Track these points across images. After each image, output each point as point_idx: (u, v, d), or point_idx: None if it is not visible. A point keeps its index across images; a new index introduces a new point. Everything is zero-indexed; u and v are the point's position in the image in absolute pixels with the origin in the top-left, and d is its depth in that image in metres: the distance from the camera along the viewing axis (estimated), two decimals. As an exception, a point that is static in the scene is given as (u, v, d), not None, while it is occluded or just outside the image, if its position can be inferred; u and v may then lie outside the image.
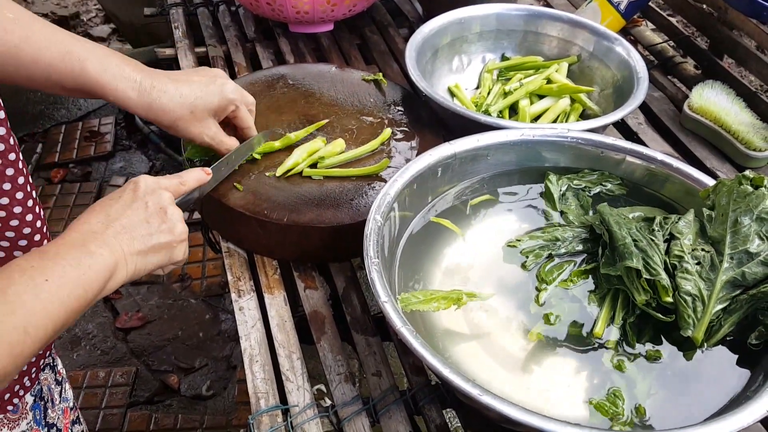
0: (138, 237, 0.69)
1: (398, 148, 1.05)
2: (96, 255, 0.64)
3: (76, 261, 0.62)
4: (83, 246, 0.64)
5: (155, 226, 0.71)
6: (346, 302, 0.92)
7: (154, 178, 0.76)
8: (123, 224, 0.69)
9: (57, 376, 0.89)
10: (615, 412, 0.71)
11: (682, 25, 1.56)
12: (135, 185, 0.73)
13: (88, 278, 0.63)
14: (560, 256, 0.87)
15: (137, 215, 0.70)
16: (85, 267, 0.63)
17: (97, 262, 0.64)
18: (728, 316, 0.77)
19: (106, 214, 0.69)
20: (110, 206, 0.70)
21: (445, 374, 0.66)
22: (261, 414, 0.78)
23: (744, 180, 0.81)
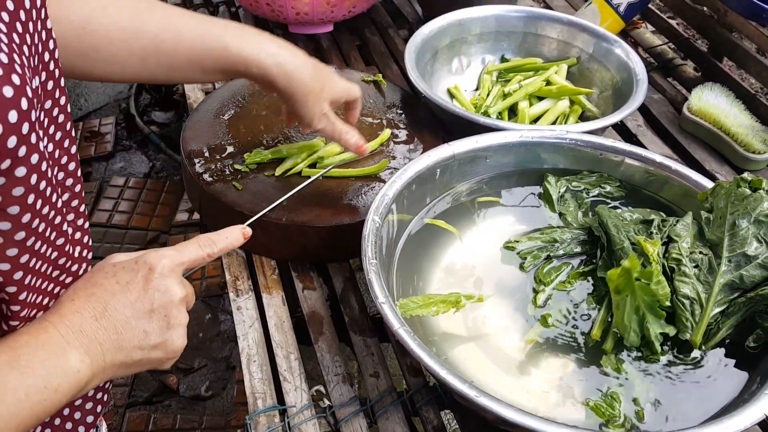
0: (127, 348, 0.59)
1: (397, 150, 1.05)
2: (71, 372, 0.54)
3: (43, 382, 0.52)
4: (62, 356, 0.54)
5: (152, 339, 0.60)
6: (344, 303, 0.92)
7: (172, 258, 0.63)
8: (117, 328, 0.58)
9: None
10: (611, 414, 0.71)
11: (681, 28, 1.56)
12: (149, 271, 0.61)
13: (49, 404, 0.53)
14: (558, 257, 0.87)
15: (137, 320, 0.59)
16: (51, 391, 0.53)
17: (69, 381, 0.54)
18: (726, 319, 0.77)
19: (104, 306, 0.58)
20: (112, 295, 0.59)
21: (443, 375, 0.66)
22: (258, 414, 0.78)
23: (742, 182, 0.81)
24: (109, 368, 0.58)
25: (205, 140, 1.03)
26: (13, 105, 0.44)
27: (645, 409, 0.72)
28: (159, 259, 0.62)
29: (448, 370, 0.66)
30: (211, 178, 0.97)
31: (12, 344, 0.53)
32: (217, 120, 1.08)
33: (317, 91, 0.87)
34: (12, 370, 0.51)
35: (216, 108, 1.10)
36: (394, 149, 1.06)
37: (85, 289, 0.59)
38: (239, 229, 0.70)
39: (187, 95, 1.26)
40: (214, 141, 1.04)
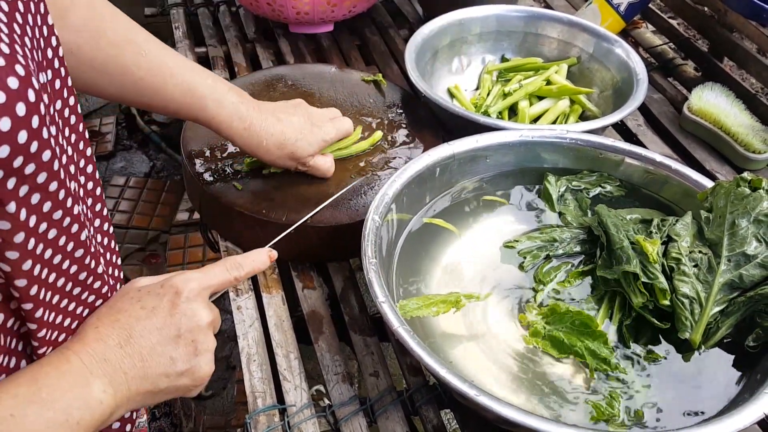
0: (153, 376, 0.56)
1: (397, 149, 1.06)
2: (93, 404, 0.52)
3: (64, 415, 0.50)
4: (85, 385, 0.52)
5: (179, 366, 0.58)
6: (344, 302, 0.92)
7: (199, 281, 0.61)
8: (143, 355, 0.56)
9: None
10: (611, 413, 0.71)
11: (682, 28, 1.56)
12: (176, 295, 0.59)
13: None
14: (558, 257, 0.88)
15: (163, 347, 0.57)
16: (72, 425, 0.50)
17: (92, 414, 0.52)
18: (726, 318, 0.77)
19: (129, 333, 0.56)
20: (138, 320, 0.57)
21: (442, 375, 0.66)
22: (258, 413, 0.78)
23: (742, 182, 0.81)
24: (134, 397, 0.56)
25: (205, 140, 1.03)
26: (19, 97, 0.42)
27: (645, 409, 0.72)
28: (185, 283, 0.60)
29: (448, 369, 0.66)
30: (212, 178, 0.97)
31: (34, 375, 0.51)
32: (218, 119, 1.08)
33: (284, 158, 0.93)
34: (31, 404, 0.49)
35: (216, 107, 1.10)
36: (393, 149, 1.06)
37: (109, 316, 0.57)
38: (266, 252, 0.70)
39: (188, 95, 1.26)
40: (215, 141, 1.04)
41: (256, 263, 0.68)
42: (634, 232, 0.83)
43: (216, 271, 0.64)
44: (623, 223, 0.84)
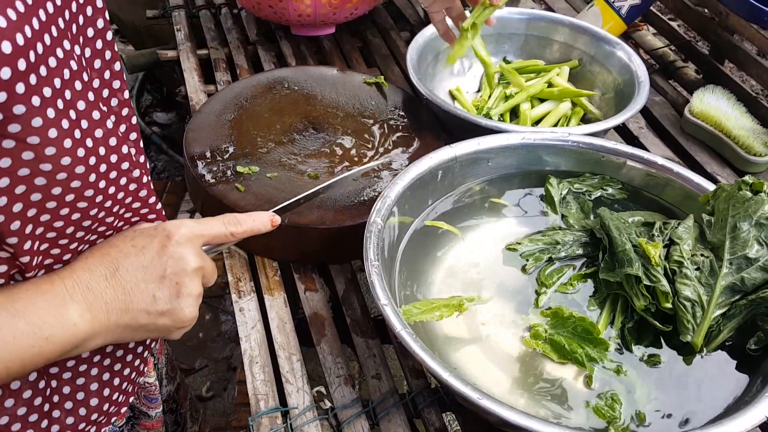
0: (134, 310, 0.58)
1: (399, 151, 1.06)
2: (67, 324, 0.54)
3: (34, 327, 0.52)
4: (61, 306, 0.54)
5: (160, 305, 0.59)
6: (346, 304, 0.93)
7: (192, 229, 0.62)
8: (126, 289, 0.58)
9: None
10: (612, 416, 0.71)
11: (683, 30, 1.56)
12: (167, 237, 0.60)
13: (38, 351, 0.53)
14: (560, 259, 0.88)
15: (146, 284, 0.59)
16: (41, 339, 0.52)
17: (63, 333, 0.54)
18: (727, 321, 0.77)
19: (116, 266, 0.58)
20: (126, 257, 0.59)
21: (445, 377, 0.66)
22: (260, 416, 0.78)
23: (743, 185, 0.81)
24: (113, 329, 0.58)
25: (207, 142, 1.04)
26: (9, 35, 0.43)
27: (646, 411, 0.72)
28: (178, 228, 0.61)
29: (450, 372, 0.66)
30: (214, 180, 0.97)
31: (12, 290, 0.53)
32: (220, 122, 1.08)
33: None
34: (3, 311, 0.51)
35: (219, 110, 1.11)
36: (395, 151, 1.06)
37: (101, 249, 0.59)
38: (269, 215, 0.71)
39: (190, 97, 1.27)
40: (217, 143, 1.04)
41: (256, 223, 0.69)
42: (636, 235, 0.83)
43: (213, 223, 0.65)
44: (625, 226, 0.84)
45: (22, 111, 0.46)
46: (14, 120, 0.46)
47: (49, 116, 0.48)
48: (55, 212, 0.54)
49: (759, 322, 0.77)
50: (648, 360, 0.77)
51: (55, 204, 0.53)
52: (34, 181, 0.51)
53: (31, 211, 0.52)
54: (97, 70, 0.57)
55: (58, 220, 0.55)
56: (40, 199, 0.52)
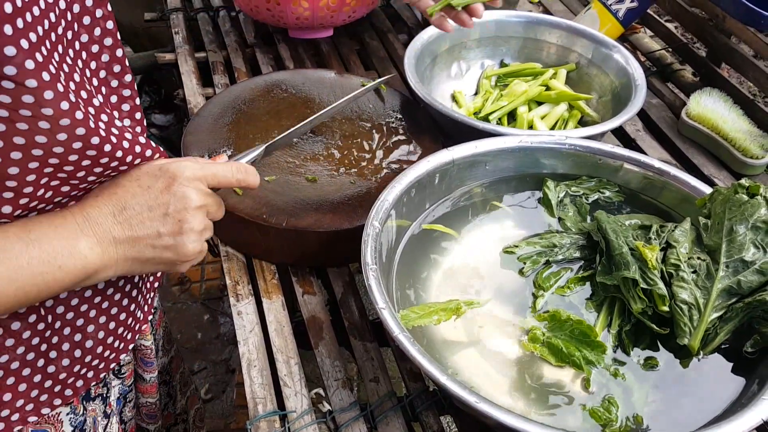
0: (139, 245, 0.63)
1: (396, 155, 1.06)
2: (78, 255, 0.59)
3: (48, 256, 0.57)
4: (74, 238, 0.59)
5: (164, 240, 0.64)
6: (344, 308, 0.93)
7: (196, 171, 0.66)
8: (132, 225, 0.62)
9: (107, 408, 0.83)
10: (608, 418, 0.71)
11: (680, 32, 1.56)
12: (171, 178, 0.64)
13: (52, 278, 0.57)
14: (558, 262, 0.88)
15: (152, 221, 0.63)
16: (54, 267, 0.57)
17: (74, 264, 0.58)
18: (724, 324, 0.77)
19: (123, 205, 0.62)
20: (133, 196, 0.63)
21: (442, 381, 0.66)
22: (259, 420, 0.78)
23: (740, 188, 0.82)
24: (122, 262, 0.63)
25: (205, 145, 1.04)
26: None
27: (644, 414, 0.73)
28: (182, 170, 0.66)
29: (448, 375, 0.66)
30: (212, 183, 0.97)
31: (26, 223, 0.58)
32: (218, 125, 1.08)
33: None
34: (18, 239, 0.56)
35: (217, 113, 1.11)
36: (393, 154, 1.06)
37: (109, 188, 0.63)
38: (255, 175, 0.74)
39: (188, 100, 1.27)
40: (215, 146, 1.04)
41: (256, 179, 0.74)
42: (633, 238, 0.83)
43: (220, 167, 0.69)
44: (622, 229, 0.84)
45: (13, 53, 0.49)
46: (9, 62, 0.49)
47: (44, 78, 0.52)
48: (57, 166, 0.58)
49: (755, 325, 0.78)
50: (645, 363, 0.77)
51: (57, 161, 0.57)
52: (35, 139, 0.54)
53: (32, 164, 0.56)
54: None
55: (60, 172, 0.59)
56: (42, 155, 0.56)
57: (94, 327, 0.71)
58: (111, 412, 0.83)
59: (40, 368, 0.67)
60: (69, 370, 0.70)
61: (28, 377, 0.66)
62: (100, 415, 0.81)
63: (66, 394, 0.71)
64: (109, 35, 0.64)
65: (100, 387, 0.80)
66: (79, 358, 0.71)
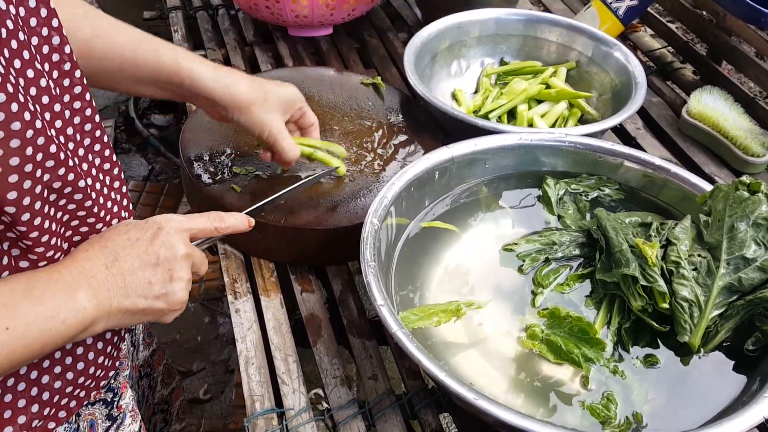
0: (132, 295, 0.64)
1: (396, 152, 1.05)
2: (78, 308, 0.59)
3: (52, 311, 0.57)
4: (72, 291, 0.59)
5: (155, 289, 0.65)
6: (342, 306, 0.92)
7: (181, 222, 0.69)
8: (125, 276, 0.63)
9: (114, 411, 0.81)
10: (607, 415, 0.71)
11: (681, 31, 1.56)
12: (158, 229, 0.67)
13: (55, 334, 0.58)
14: (557, 260, 0.87)
15: (143, 271, 0.64)
16: (58, 322, 0.58)
17: (75, 317, 0.59)
18: (725, 321, 0.77)
19: (115, 257, 0.63)
20: (123, 248, 0.64)
21: (441, 378, 0.66)
22: (256, 417, 0.77)
23: (740, 185, 0.81)
24: (115, 313, 0.63)
25: (204, 143, 1.03)
26: None
27: (643, 412, 0.72)
28: (167, 221, 0.68)
29: (447, 372, 0.66)
30: (210, 181, 0.97)
31: (29, 277, 0.59)
32: (216, 123, 1.08)
33: (260, 101, 0.89)
34: (25, 298, 0.56)
35: (215, 110, 1.10)
36: (393, 152, 1.06)
37: (99, 242, 0.64)
38: (245, 217, 0.78)
39: (186, 98, 1.26)
40: (213, 144, 1.03)
41: (236, 222, 0.76)
42: (633, 235, 0.83)
43: (198, 218, 0.72)
44: (622, 227, 0.84)
45: None
46: None
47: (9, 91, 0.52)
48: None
49: (757, 323, 0.77)
50: (645, 360, 0.77)
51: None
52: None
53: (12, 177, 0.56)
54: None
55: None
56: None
57: (82, 349, 0.70)
58: (120, 414, 0.82)
59: (34, 397, 0.66)
60: (61, 392, 0.70)
61: (24, 408, 0.65)
62: (101, 418, 0.80)
63: (60, 416, 0.71)
64: (55, 33, 0.62)
65: (102, 392, 0.79)
66: (71, 380, 0.70)
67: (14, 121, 0.53)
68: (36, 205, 0.58)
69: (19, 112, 0.53)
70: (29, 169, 0.56)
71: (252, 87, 0.88)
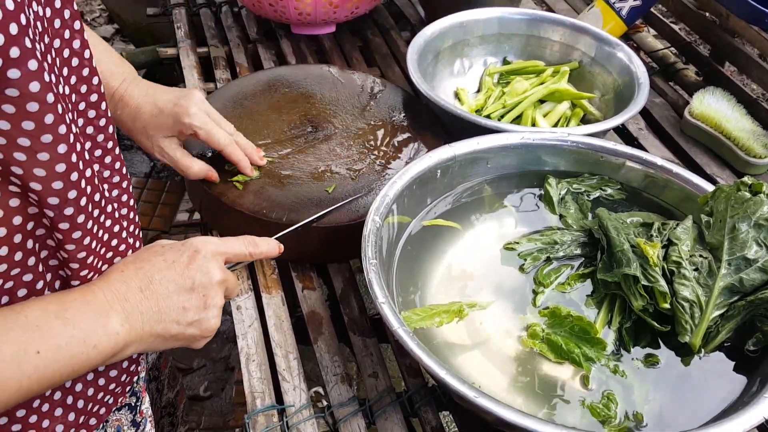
0: (165, 321, 0.62)
1: (398, 150, 1.05)
2: (111, 333, 0.58)
3: (83, 335, 0.56)
4: (105, 315, 0.58)
5: (189, 316, 0.64)
6: (344, 303, 0.92)
7: (217, 246, 0.68)
8: (158, 300, 0.62)
9: (137, 416, 0.81)
10: (607, 414, 0.71)
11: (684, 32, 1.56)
12: (195, 252, 0.65)
13: (86, 359, 0.56)
14: (558, 259, 0.87)
15: (178, 295, 0.63)
16: (89, 346, 0.56)
17: (108, 342, 0.57)
18: (726, 322, 0.77)
19: (150, 280, 0.62)
20: (159, 270, 0.63)
21: (442, 376, 0.66)
22: (257, 414, 0.77)
23: (742, 186, 0.81)
24: (147, 338, 0.61)
25: (206, 139, 1.03)
26: (13, 18, 0.45)
27: (644, 411, 0.72)
28: (204, 244, 0.67)
29: (447, 370, 0.66)
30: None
31: (62, 298, 0.57)
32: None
33: (148, 129, 0.90)
34: (57, 319, 0.54)
35: (218, 108, 1.10)
36: (395, 150, 1.06)
37: (134, 263, 0.63)
38: (277, 244, 0.78)
39: (189, 95, 1.26)
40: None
41: (269, 248, 0.77)
42: (634, 235, 0.83)
43: (234, 242, 0.72)
44: (624, 227, 0.84)
45: (17, 75, 0.47)
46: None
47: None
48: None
49: (758, 323, 0.77)
50: (646, 360, 0.77)
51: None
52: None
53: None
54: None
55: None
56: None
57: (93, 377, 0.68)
58: (143, 419, 0.82)
59: (69, 405, 0.65)
60: (94, 399, 0.69)
61: (61, 416, 0.64)
62: (126, 424, 0.79)
63: (91, 424, 0.70)
64: (77, 36, 0.60)
65: (127, 397, 0.78)
66: (102, 386, 0.69)
67: (61, 125, 0.52)
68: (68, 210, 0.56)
69: (56, 121, 0.52)
70: (75, 177, 0.54)
71: (146, 107, 0.89)
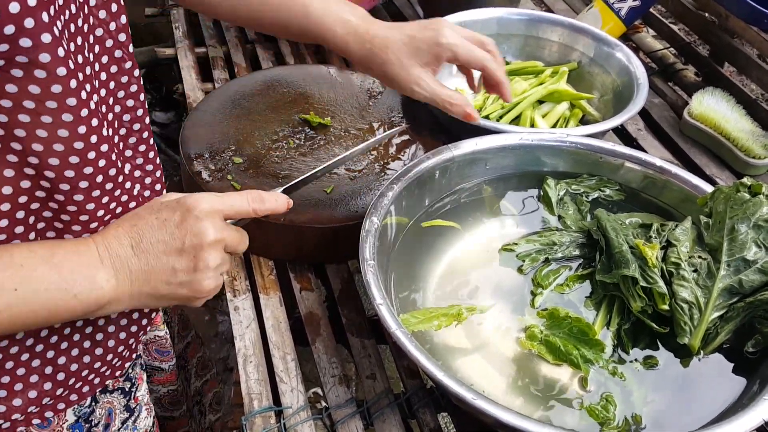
0: (155, 281, 0.62)
1: (397, 151, 1.05)
2: (94, 286, 0.58)
3: (66, 283, 0.56)
4: (93, 268, 0.58)
5: (179, 277, 0.62)
6: (342, 304, 0.92)
7: (212, 203, 0.64)
8: (149, 260, 0.61)
9: (131, 402, 0.80)
10: (605, 416, 0.71)
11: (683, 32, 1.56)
12: (187, 211, 0.62)
13: (65, 306, 0.57)
14: (557, 260, 0.87)
15: (167, 256, 0.62)
16: (70, 294, 0.57)
17: (89, 294, 0.58)
18: (725, 323, 0.76)
19: (141, 237, 0.61)
20: (150, 229, 0.62)
21: (440, 378, 0.66)
22: (254, 415, 0.77)
23: (741, 187, 0.81)
24: (136, 296, 0.62)
25: (204, 140, 1.03)
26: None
27: (643, 413, 0.72)
28: (198, 202, 0.63)
29: (445, 372, 0.66)
30: (210, 177, 0.97)
31: (53, 243, 0.59)
32: (217, 120, 1.08)
33: (402, 62, 0.86)
34: (43, 263, 0.56)
35: (216, 108, 1.10)
36: (394, 150, 1.05)
37: (130, 219, 0.63)
38: (285, 198, 0.72)
39: (187, 95, 1.26)
40: (213, 140, 1.03)
41: (277, 203, 0.71)
42: (633, 236, 0.83)
43: (235, 198, 0.67)
44: (622, 228, 0.84)
45: (29, 44, 0.49)
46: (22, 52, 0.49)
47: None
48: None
49: (757, 325, 0.77)
50: (645, 362, 0.77)
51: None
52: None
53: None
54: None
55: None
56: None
57: (102, 335, 0.70)
58: (137, 405, 0.82)
59: (48, 375, 0.66)
60: (77, 375, 0.70)
61: (36, 383, 0.66)
62: (119, 408, 0.79)
63: (71, 399, 0.71)
64: (122, 31, 0.64)
65: (121, 381, 0.78)
66: (87, 363, 0.70)
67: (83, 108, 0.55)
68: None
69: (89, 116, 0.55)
70: (92, 156, 0.58)
71: (393, 45, 0.87)
